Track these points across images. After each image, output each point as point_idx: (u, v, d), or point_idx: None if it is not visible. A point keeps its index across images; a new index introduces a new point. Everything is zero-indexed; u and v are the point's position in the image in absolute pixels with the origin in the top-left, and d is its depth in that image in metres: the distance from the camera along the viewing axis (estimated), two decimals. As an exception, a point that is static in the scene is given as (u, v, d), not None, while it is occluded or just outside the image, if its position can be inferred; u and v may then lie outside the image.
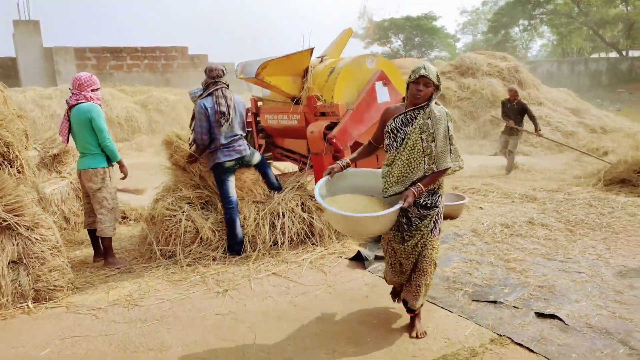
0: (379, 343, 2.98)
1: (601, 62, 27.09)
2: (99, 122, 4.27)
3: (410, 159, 2.86)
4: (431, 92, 2.84)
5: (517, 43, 40.80)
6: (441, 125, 2.82)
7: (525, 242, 4.66)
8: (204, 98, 4.46)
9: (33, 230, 3.76)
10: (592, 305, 3.32)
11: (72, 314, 3.60)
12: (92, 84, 4.39)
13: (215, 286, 3.96)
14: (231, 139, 4.46)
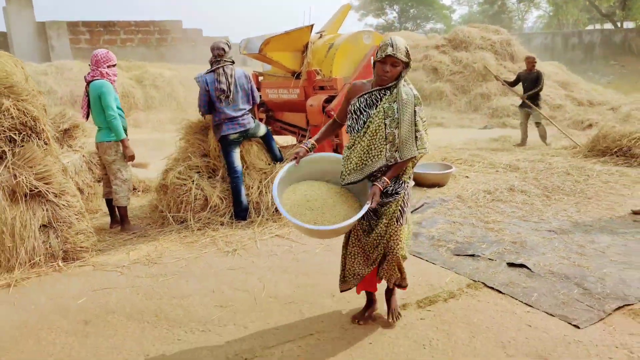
0: (371, 289, 3.51)
1: (595, 34, 27.42)
2: (106, 99, 4.64)
3: (370, 146, 2.68)
4: (399, 71, 2.65)
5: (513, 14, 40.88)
6: (407, 110, 2.65)
7: (505, 207, 5.19)
8: (207, 74, 4.88)
9: (60, 197, 4.22)
10: (557, 256, 3.86)
11: (99, 271, 4.10)
12: (108, 60, 4.78)
13: (225, 246, 4.47)
14: (235, 113, 4.88)
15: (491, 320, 3.01)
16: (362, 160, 2.72)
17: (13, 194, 4.04)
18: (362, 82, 2.84)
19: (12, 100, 4.13)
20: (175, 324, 3.17)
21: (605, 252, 3.90)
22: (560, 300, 3.19)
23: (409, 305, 3.25)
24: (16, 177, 4.01)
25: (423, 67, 13.32)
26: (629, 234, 4.27)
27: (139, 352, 2.89)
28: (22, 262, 4.05)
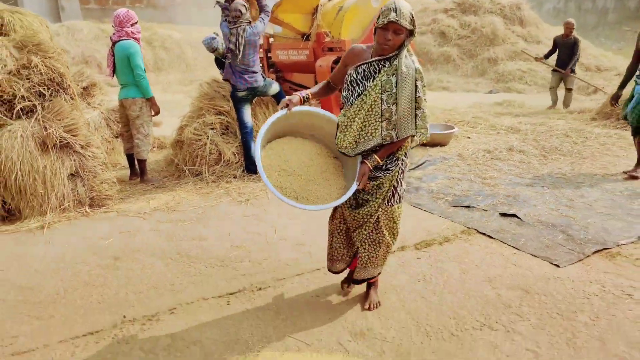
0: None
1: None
2: (135, 59, 4.92)
3: (366, 123, 2.47)
4: (402, 39, 2.36)
5: (527, -22, 40.03)
6: (407, 85, 2.41)
7: (503, 165, 5.47)
8: (226, 22, 5.10)
9: (86, 149, 4.55)
10: (546, 208, 4.16)
11: (123, 216, 4.46)
12: (131, 18, 5.02)
13: (238, 197, 4.80)
14: (243, 70, 5.14)
15: (481, 260, 3.34)
16: (356, 139, 2.49)
17: (44, 144, 4.36)
18: (361, 48, 2.55)
19: (40, 58, 4.40)
20: (196, 261, 3.53)
21: (592, 205, 4.20)
22: (545, 244, 3.51)
23: (407, 247, 3.59)
24: (46, 129, 4.32)
25: (431, 31, 13.34)
26: (617, 191, 4.55)
27: (165, 282, 3.25)
28: (53, 207, 4.41)
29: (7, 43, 4.39)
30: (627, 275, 3.07)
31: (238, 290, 3.11)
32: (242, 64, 5.12)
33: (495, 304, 2.82)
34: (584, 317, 2.66)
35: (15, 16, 4.68)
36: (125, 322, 2.82)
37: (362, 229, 2.68)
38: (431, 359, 2.39)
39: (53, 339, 2.69)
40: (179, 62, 14.96)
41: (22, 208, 4.39)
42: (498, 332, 2.57)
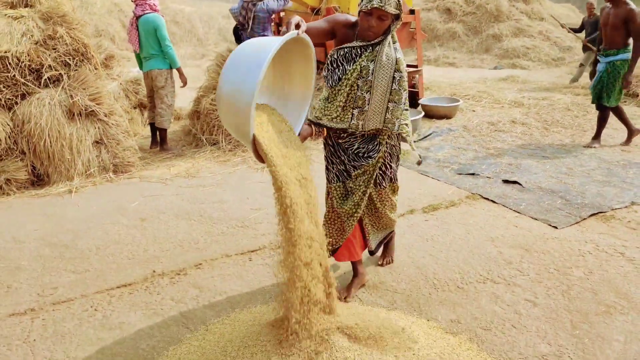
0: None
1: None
2: (162, 31, 5.01)
3: (343, 106, 2.32)
4: (387, 25, 2.22)
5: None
6: (383, 75, 2.26)
7: (506, 136, 5.57)
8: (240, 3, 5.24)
9: (110, 117, 4.68)
10: (547, 176, 4.29)
11: (146, 182, 4.62)
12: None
13: (255, 164, 4.94)
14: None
15: (484, 222, 3.49)
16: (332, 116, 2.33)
17: (70, 112, 4.49)
18: (348, 22, 2.35)
19: (65, 29, 4.49)
20: (218, 222, 3.69)
21: (590, 174, 4.32)
22: (545, 208, 3.64)
23: (415, 210, 3.73)
24: (72, 97, 4.44)
25: (437, 7, 13.21)
26: (614, 161, 4.65)
27: (190, 241, 3.42)
28: (79, 173, 4.57)
29: (34, 14, 4.48)
30: (619, 235, 3.21)
31: (259, 248, 3.28)
32: (251, 35, 5.21)
33: (497, 260, 2.98)
34: (579, 272, 2.81)
35: (38, -12, 4.75)
36: (155, 275, 3.00)
37: (353, 218, 2.54)
38: (438, 307, 2.56)
39: (90, 290, 2.87)
40: (190, 36, 14.93)
41: (50, 173, 4.55)
42: (499, 285, 2.73)
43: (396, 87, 2.30)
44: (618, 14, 4.81)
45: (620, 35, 4.82)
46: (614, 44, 4.87)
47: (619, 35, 4.82)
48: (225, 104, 1.88)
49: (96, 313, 2.63)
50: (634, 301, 2.53)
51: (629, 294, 2.60)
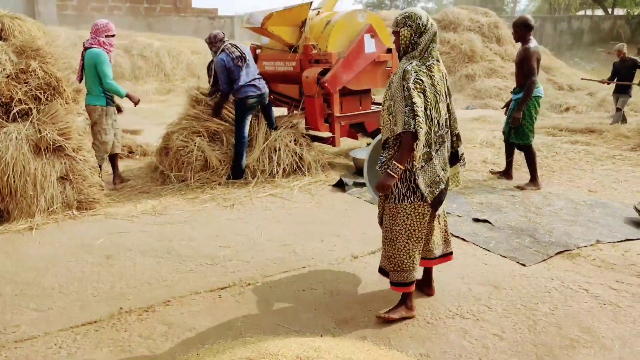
0: (356, 234, 4.18)
1: (584, 21, 28.27)
2: (102, 67, 5.17)
3: (383, 117, 2.91)
4: (399, 42, 2.82)
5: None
6: (394, 84, 2.79)
7: (477, 175, 5.90)
8: (218, 55, 5.48)
9: (77, 152, 4.79)
10: (516, 215, 4.58)
11: (111, 219, 4.70)
12: (107, 30, 5.30)
13: (223, 202, 5.09)
14: (254, 77, 5.54)
15: (455, 260, 3.67)
16: (382, 134, 2.96)
17: (37, 147, 4.59)
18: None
19: (38, 62, 4.66)
20: (187, 259, 3.81)
21: (558, 213, 4.63)
22: (513, 246, 3.90)
23: (386, 248, 3.93)
24: (40, 132, 4.56)
25: (411, 46, 13.94)
26: (581, 200, 5.00)
27: (158, 278, 3.52)
28: (41, 209, 4.62)
29: (7, 48, 4.64)
30: (584, 272, 3.47)
31: (228, 285, 3.40)
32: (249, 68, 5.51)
33: (466, 296, 3.18)
34: (545, 308, 3.03)
35: (14, 22, 4.94)
36: (122, 312, 3.08)
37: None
38: (408, 342, 2.73)
39: (53, 327, 2.93)
40: (157, 71, 15.18)
41: (10, 210, 4.60)
42: (468, 320, 2.92)
43: (407, 92, 2.70)
44: (520, 53, 5.26)
45: (522, 74, 5.21)
46: (518, 83, 5.35)
47: (521, 74, 5.23)
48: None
49: (61, 350, 2.70)
50: (597, 335, 2.76)
51: (592, 328, 2.82)
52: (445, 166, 2.89)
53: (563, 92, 12.76)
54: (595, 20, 28.64)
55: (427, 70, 2.77)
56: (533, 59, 5.15)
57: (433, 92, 2.75)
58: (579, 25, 27.60)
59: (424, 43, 2.79)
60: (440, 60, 2.89)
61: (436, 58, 2.83)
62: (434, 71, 2.78)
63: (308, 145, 6.01)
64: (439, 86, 2.78)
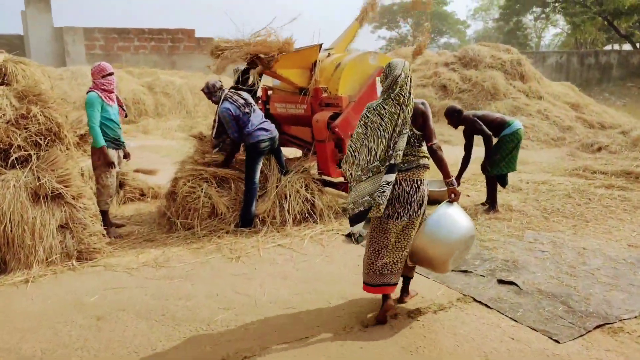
0: (367, 298, 3.79)
1: (612, 55, 27.63)
2: (89, 110, 4.98)
3: None
4: None
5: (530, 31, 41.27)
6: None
7: (502, 225, 5.46)
8: (222, 105, 5.27)
9: (78, 200, 4.57)
10: (546, 276, 4.12)
11: (110, 271, 4.43)
12: (102, 71, 5.15)
13: (229, 253, 4.78)
14: (262, 120, 5.34)
15: (476, 332, 3.28)
16: None
17: (35, 195, 4.39)
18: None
19: (39, 107, 4.51)
20: (181, 323, 3.48)
21: (595, 274, 4.16)
22: (545, 316, 3.45)
23: (399, 314, 3.53)
24: (39, 179, 4.36)
25: (432, 83, 13.64)
26: (620, 258, 4.51)
27: (147, 347, 3.19)
28: (39, 260, 4.38)
29: (9, 93, 4.51)
30: (629, 354, 3.00)
31: (222, 358, 3.05)
32: (257, 114, 5.32)
33: (490, 382, 2.75)
34: (583, 401, 2.58)
35: (18, 66, 4.83)
36: (101, 390, 2.75)
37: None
38: None
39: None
40: (180, 108, 15.24)
41: (8, 260, 4.38)
42: (492, 415, 2.49)
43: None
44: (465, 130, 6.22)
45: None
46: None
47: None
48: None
49: None
50: None
51: None
52: (374, 194, 3.23)
53: (594, 131, 12.21)
54: (623, 54, 27.97)
55: (380, 107, 3.30)
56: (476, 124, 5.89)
57: (373, 127, 3.29)
58: (607, 60, 26.97)
59: (386, 85, 3.33)
60: (401, 99, 3.26)
61: (394, 98, 3.27)
62: (386, 107, 3.27)
63: (320, 191, 5.69)
64: (383, 123, 3.26)
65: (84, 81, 14.46)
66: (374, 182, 3.23)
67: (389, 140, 3.21)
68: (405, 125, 3.22)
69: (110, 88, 5.20)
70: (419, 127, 3.33)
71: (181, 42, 19.19)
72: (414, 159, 3.35)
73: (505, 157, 5.98)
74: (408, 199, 3.31)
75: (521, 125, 6.03)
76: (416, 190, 3.33)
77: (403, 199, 3.31)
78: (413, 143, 3.33)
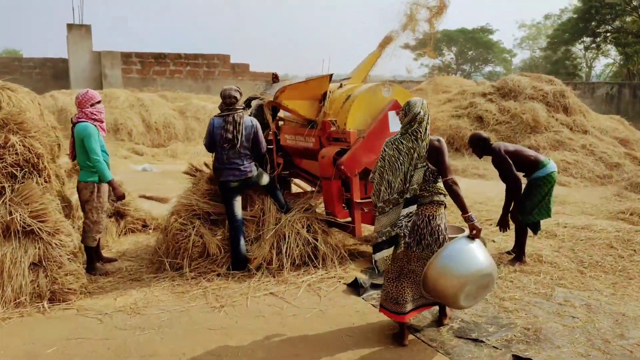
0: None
1: (668, 87, 26.04)
2: (90, 142, 4.68)
3: None
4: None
5: (580, 61, 39.77)
6: None
7: (528, 280, 4.77)
8: (217, 116, 4.91)
9: (54, 236, 4.24)
10: (573, 352, 3.44)
11: (81, 316, 4.05)
12: (90, 99, 4.86)
13: (214, 301, 4.32)
14: (237, 160, 4.86)
15: None
16: None
17: (7, 229, 4.09)
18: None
19: (19, 137, 4.24)
20: (133, 390, 3.02)
21: (634, 352, 3.45)
22: (565, 410, 2.79)
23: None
24: (11, 213, 4.06)
25: (468, 114, 12.95)
26: (667, 330, 3.77)
27: (86, 420, 2.74)
28: (7, 300, 4.06)
29: (-13, 120, 4.28)
30: None
31: None
32: (238, 154, 4.85)
33: None
34: None
35: (4, 92, 4.61)
36: None
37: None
38: None
39: None
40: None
41: (-26, 300, 4.06)
42: None
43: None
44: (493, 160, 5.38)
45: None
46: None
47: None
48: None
49: None
50: None
51: None
52: (395, 225, 3.44)
53: (647, 168, 11.20)
54: (680, 86, 26.30)
55: (398, 142, 3.52)
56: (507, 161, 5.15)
57: (391, 161, 3.49)
58: (662, 91, 25.40)
59: (405, 122, 3.50)
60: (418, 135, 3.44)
61: (411, 133, 3.46)
62: (404, 142, 3.48)
63: (324, 233, 5.18)
64: (400, 157, 3.46)
65: (116, 104, 14.62)
66: (393, 213, 3.43)
67: (406, 173, 3.41)
68: (421, 159, 3.40)
69: (101, 117, 4.93)
70: (434, 162, 3.46)
71: (216, 68, 19.33)
72: (428, 194, 3.48)
73: (537, 203, 5.25)
74: (418, 231, 3.48)
75: (555, 168, 5.33)
76: (426, 224, 3.47)
77: (413, 231, 3.49)
78: (428, 178, 3.47)
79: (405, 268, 3.55)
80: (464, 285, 3.23)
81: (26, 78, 18.68)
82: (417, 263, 3.52)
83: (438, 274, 3.27)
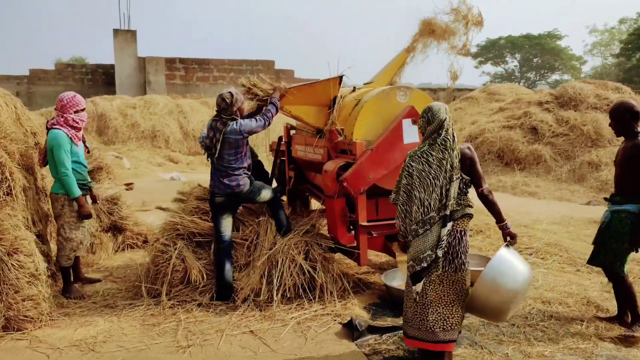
0: None
1: None
2: (58, 153, 4.27)
3: None
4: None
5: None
6: None
7: (565, 331, 3.88)
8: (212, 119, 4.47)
9: (11, 256, 3.85)
10: None
11: (30, 350, 3.62)
12: (75, 104, 4.46)
13: (183, 339, 3.76)
14: (223, 170, 4.35)
15: None
16: None
17: (-44, 249, 3.73)
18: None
19: (-18, 144, 3.89)
20: None
21: None
22: None
23: None
24: (-39, 231, 3.70)
25: (520, 125, 11.81)
26: None
27: None
28: (-45, 327, 3.69)
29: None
30: None
31: None
32: (221, 165, 4.34)
33: None
34: None
35: (-25, 97, 4.31)
36: None
37: None
38: None
39: None
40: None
41: None
42: None
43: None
44: (626, 150, 3.85)
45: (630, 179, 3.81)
46: (623, 189, 3.89)
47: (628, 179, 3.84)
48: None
49: None
50: None
51: None
52: (436, 247, 3.06)
53: None
54: None
55: (426, 153, 3.15)
56: None
57: (421, 176, 3.14)
58: None
59: (430, 130, 3.18)
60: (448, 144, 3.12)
61: (440, 143, 3.13)
62: (433, 153, 3.13)
63: (325, 260, 4.52)
64: (432, 170, 3.11)
65: (155, 110, 14.61)
66: (432, 235, 3.09)
67: (442, 188, 3.10)
68: (455, 170, 3.11)
69: (80, 126, 4.52)
70: (467, 172, 3.21)
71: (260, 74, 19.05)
72: (459, 207, 3.19)
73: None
74: (450, 250, 3.14)
75: None
76: (459, 241, 3.17)
77: (446, 251, 3.13)
78: (461, 189, 3.20)
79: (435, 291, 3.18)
80: (515, 297, 3.13)
81: (78, 84, 19.24)
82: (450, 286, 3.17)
83: (489, 290, 3.11)
